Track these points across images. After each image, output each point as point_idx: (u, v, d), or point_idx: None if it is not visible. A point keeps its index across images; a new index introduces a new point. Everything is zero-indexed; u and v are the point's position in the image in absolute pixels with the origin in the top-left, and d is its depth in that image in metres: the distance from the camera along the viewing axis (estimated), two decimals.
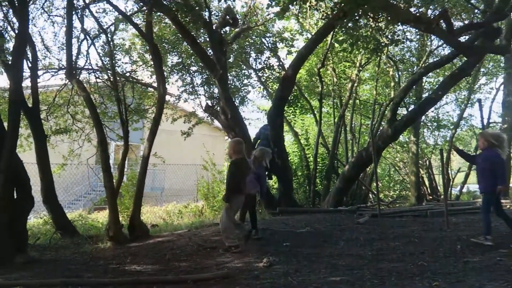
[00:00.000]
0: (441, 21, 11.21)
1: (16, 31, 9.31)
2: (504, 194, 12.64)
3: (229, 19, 13.55)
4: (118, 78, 11.25)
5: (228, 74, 14.82)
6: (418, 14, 11.69)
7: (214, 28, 12.75)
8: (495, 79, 24.43)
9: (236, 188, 7.39)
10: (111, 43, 11.45)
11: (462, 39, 12.74)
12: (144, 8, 11.66)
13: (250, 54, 18.24)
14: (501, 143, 7.35)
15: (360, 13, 9.74)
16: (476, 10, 14.69)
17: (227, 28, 15.10)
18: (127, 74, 14.14)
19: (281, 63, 19.30)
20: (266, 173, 10.37)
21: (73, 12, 10.30)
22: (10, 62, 8.83)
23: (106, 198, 9.22)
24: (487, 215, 7.27)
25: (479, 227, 8.85)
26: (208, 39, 13.21)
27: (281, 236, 8.39)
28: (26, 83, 10.46)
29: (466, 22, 16.62)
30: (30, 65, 10.14)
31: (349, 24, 10.61)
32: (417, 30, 15.77)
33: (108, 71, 11.18)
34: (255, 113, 76.55)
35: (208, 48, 13.74)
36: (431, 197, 21.37)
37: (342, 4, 9.66)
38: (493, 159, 7.28)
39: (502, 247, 6.84)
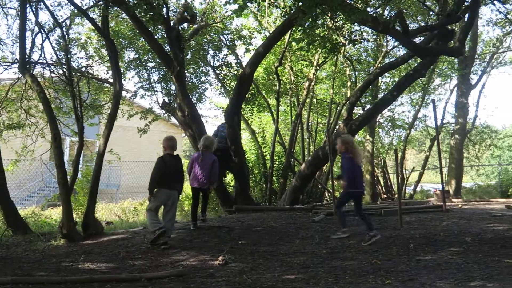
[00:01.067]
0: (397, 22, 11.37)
1: None
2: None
3: (187, 15, 13.49)
4: (73, 73, 11.07)
5: (186, 71, 14.74)
6: (375, 15, 11.84)
7: (171, 24, 12.66)
8: (449, 81, 24.99)
9: (159, 182, 7.73)
10: (66, 37, 11.25)
11: (417, 40, 12.95)
12: (101, 2, 11.51)
13: (208, 51, 18.19)
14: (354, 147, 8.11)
15: (318, 12, 9.79)
16: (431, 12, 14.96)
17: (185, 25, 15.02)
18: (83, 69, 13.92)
19: (239, 61, 19.32)
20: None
21: (27, 5, 10.08)
22: None
23: (60, 195, 9.05)
24: (340, 210, 8.27)
25: (432, 226, 9.05)
26: (165, 35, 13.12)
27: (237, 234, 8.39)
28: None
29: (422, 23, 16.95)
30: None
31: (307, 24, 10.68)
32: (373, 31, 15.97)
33: (63, 66, 10.98)
34: (212, 111, 76.52)
35: (166, 44, 13.65)
36: (385, 195, 21.70)
37: (300, 3, 9.70)
38: (342, 162, 8.34)
39: (453, 245, 6.98)
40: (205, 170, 8.84)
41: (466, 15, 12.18)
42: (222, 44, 18.42)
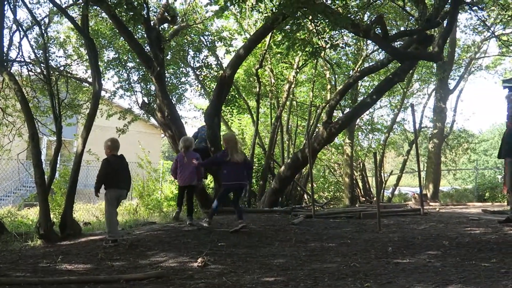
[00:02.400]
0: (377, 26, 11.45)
1: None
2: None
3: (168, 16, 13.45)
4: (51, 72, 10.96)
5: (166, 72, 14.68)
6: (354, 19, 11.90)
7: (152, 24, 12.60)
8: (428, 85, 25.23)
9: (109, 183, 8.17)
10: (45, 35, 11.14)
11: (396, 45, 13.04)
12: (80, 1, 11.41)
13: (188, 52, 18.16)
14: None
15: (298, 15, 9.81)
16: (410, 17, 15.07)
17: (166, 25, 14.97)
18: (61, 68, 13.79)
19: (219, 62, 19.29)
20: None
21: (5, 2, 9.95)
22: None
23: (37, 195, 8.95)
24: (217, 202, 9.50)
25: (410, 229, 9.11)
26: (145, 35, 13.05)
27: (216, 236, 8.37)
28: None
29: (402, 28, 17.06)
30: None
31: (287, 26, 10.70)
32: (353, 35, 16.05)
33: (41, 64, 10.86)
34: (192, 112, 76.21)
35: (146, 45, 13.58)
36: (364, 198, 21.79)
37: (282, 7, 9.71)
38: None
39: (431, 249, 7.02)
40: (188, 168, 9.53)
41: (445, 21, 12.30)
42: (203, 45, 18.39)
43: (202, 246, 7.46)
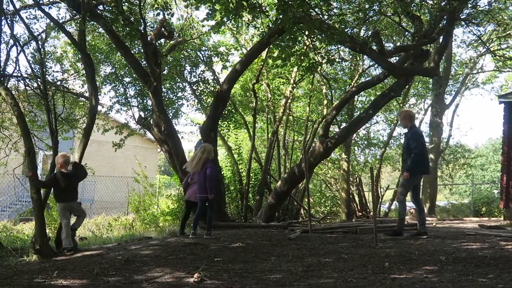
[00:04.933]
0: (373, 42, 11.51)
1: None
2: None
3: (165, 31, 13.50)
4: (48, 87, 10.97)
5: (162, 86, 14.70)
6: (351, 34, 11.97)
7: (149, 39, 12.64)
8: (424, 100, 25.35)
9: (57, 197, 8.87)
10: (42, 50, 11.16)
11: (393, 60, 13.10)
12: (77, 16, 11.45)
13: (185, 67, 18.18)
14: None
15: (295, 29, 9.86)
16: (406, 33, 15.16)
17: (162, 40, 15.02)
18: (58, 83, 13.81)
19: (215, 77, 19.31)
20: None
21: (2, 17, 9.98)
22: None
23: (33, 210, 8.93)
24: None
25: (407, 244, 9.09)
26: (142, 50, 13.09)
27: (213, 251, 8.34)
28: None
29: (398, 44, 17.14)
30: None
31: (283, 42, 10.75)
32: (350, 50, 16.12)
33: (38, 79, 10.87)
34: (188, 127, 76.52)
35: (142, 60, 13.62)
36: (360, 213, 21.76)
37: (279, 22, 9.77)
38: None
39: (428, 264, 7.00)
40: (192, 186, 10.30)
41: (441, 36, 12.38)
42: (199, 60, 18.43)
43: (198, 262, 7.42)
